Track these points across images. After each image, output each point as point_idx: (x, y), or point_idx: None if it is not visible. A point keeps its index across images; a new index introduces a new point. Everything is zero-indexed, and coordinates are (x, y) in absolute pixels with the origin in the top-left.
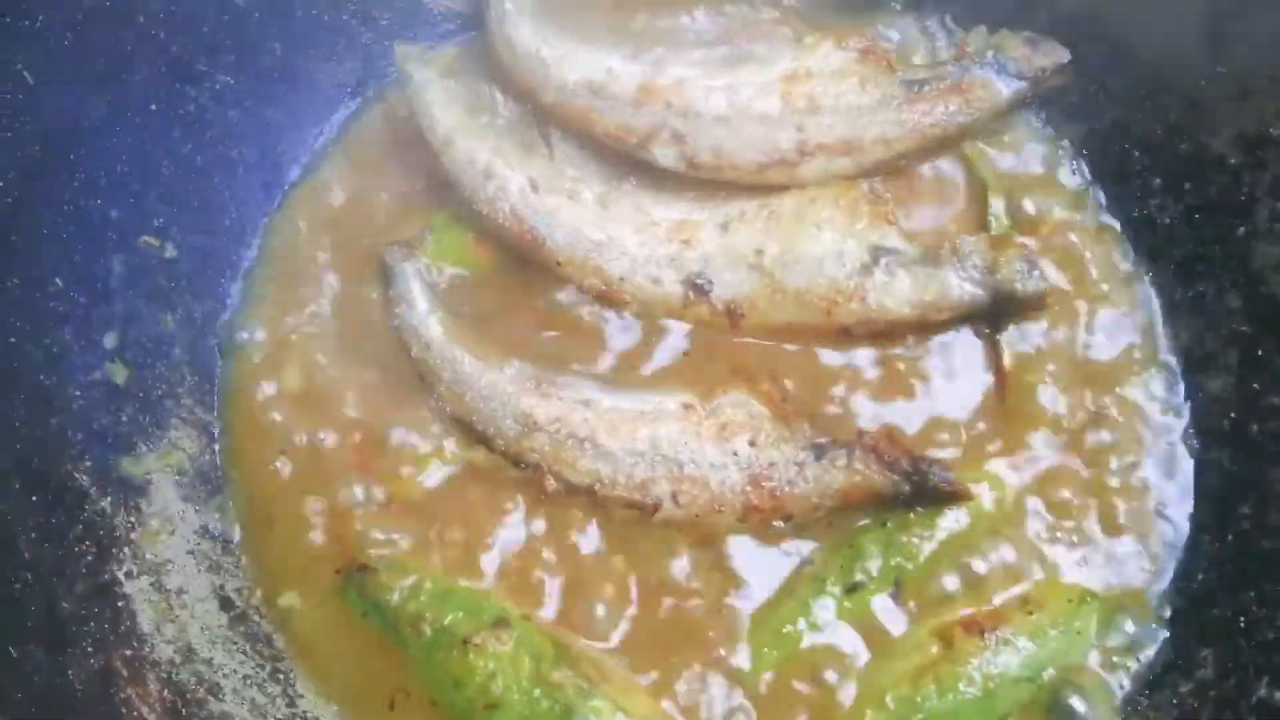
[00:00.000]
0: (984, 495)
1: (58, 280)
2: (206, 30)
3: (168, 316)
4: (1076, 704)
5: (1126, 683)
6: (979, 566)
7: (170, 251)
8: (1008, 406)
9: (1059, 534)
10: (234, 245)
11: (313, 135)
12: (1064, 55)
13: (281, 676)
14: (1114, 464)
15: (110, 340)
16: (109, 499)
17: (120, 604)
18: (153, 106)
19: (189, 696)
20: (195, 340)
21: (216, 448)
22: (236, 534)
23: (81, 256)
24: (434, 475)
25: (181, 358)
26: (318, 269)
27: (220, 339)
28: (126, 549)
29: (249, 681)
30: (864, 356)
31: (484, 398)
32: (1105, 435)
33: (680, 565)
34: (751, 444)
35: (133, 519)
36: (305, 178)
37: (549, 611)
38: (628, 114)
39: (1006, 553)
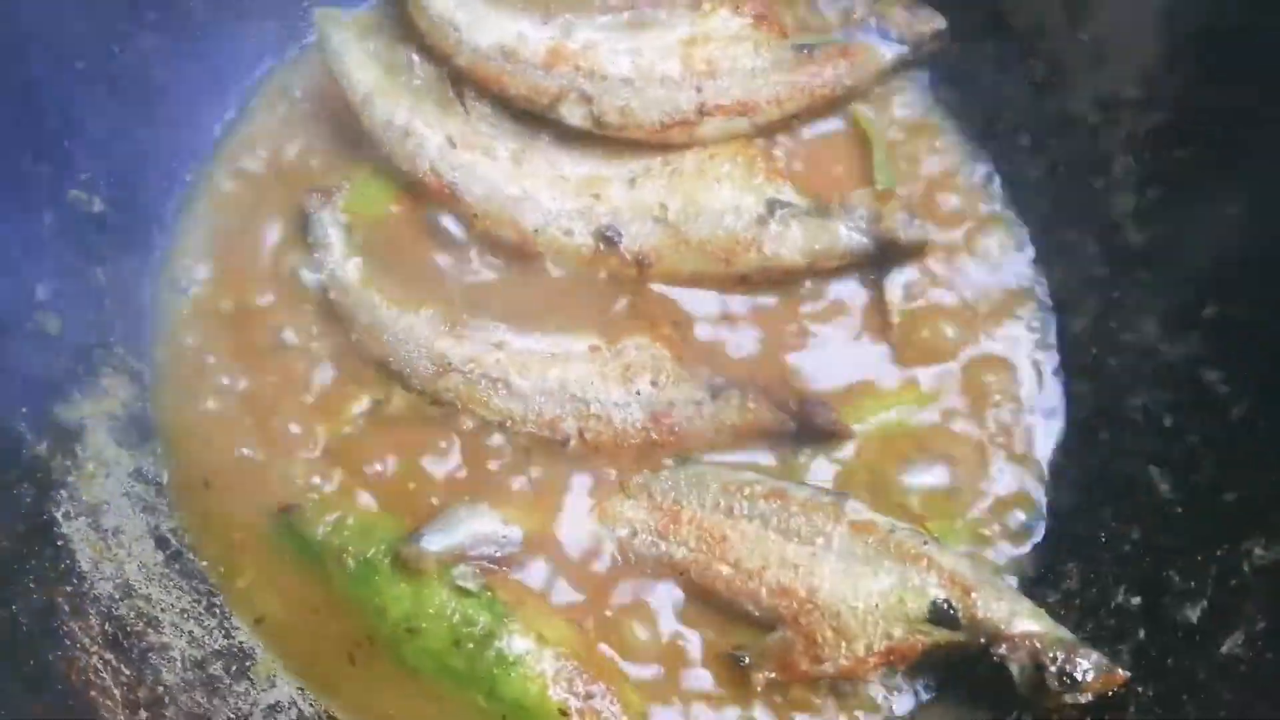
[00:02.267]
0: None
1: None
2: None
3: (97, 270)
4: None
5: None
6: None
7: (98, 205)
8: (895, 346)
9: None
10: (161, 199)
11: (235, 92)
12: (940, 22)
13: (217, 610)
14: (989, 395)
15: (42, 292)
16: (45, 444)
17: (60, 543)
18: (79, 65)
19: (129, 629)
20: (125, 291)
21: (147, 394)
22: (167, 477)
23: (14, 210)
24: (357, 415)
25: (112, 308)
26: (243, 220)
27: (150, 290)
28: (63, 491)
29: (186, 615)
30: (760, 302)
31: (400, 340)
32: (981, 369)
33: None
34: (653, 384)
35: (69, 462)
36: (228, 134)
37: None
38: (538, 76)
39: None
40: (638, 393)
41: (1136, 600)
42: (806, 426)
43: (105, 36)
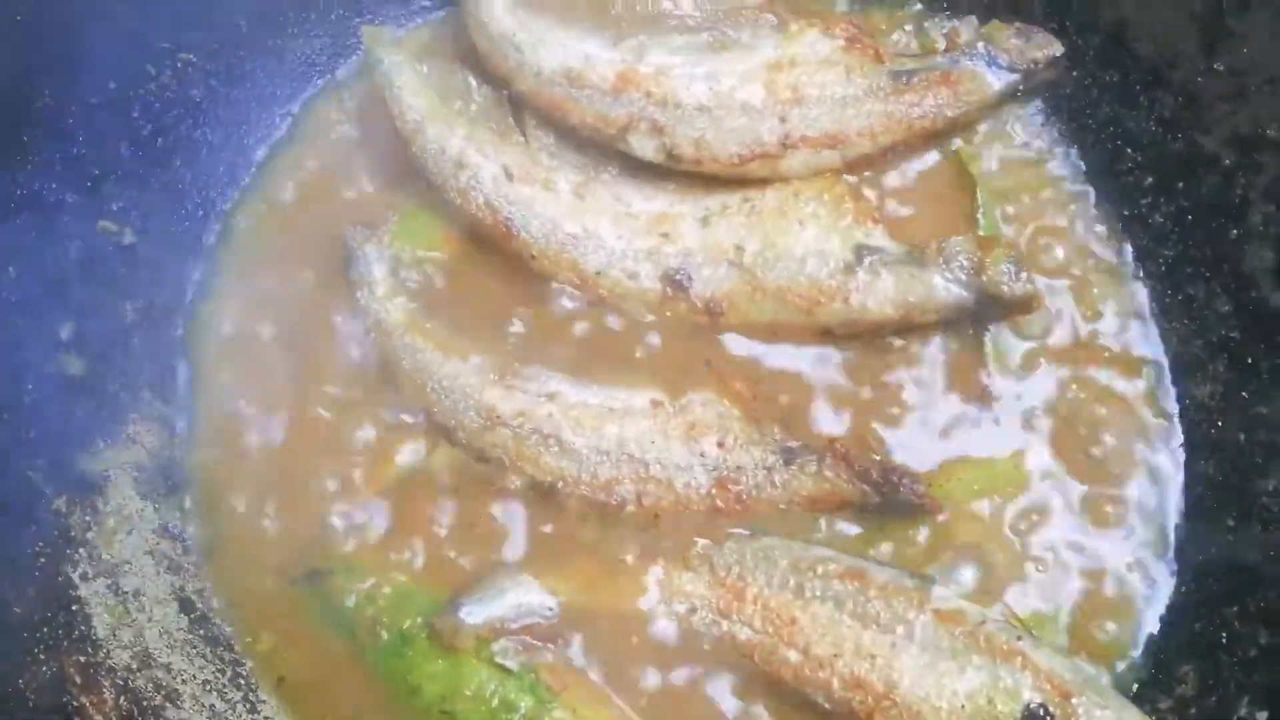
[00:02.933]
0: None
1: (11, 269)
2: (169, 5)
3: (126, 306)
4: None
5: None
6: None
7: (129, 237)
8: (993, 409)
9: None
10: (196, 230)
11: (279, 115)
12: (1057, 47)
13: (242, 681)
14: (1102, 469)
15: (66, 331)
16: (64, 497)
17: (75, 607)
18: (111, 85)
19: (145, 704)
20: (155, 330)
21: (176, 443)
22: (195, 534)
23: (35, 242)
24: (399, 471)
25: (141, 349)
26: (283, 254)
27: (182, 329)
28: (82, 549)
29: (208, 687)
30: (844, 357)
31: (445, 389)
32: (1094, 445)
33: None
34: (720, 445)
35: (89, 518)
36: (271, 160)
37: None
38: (606, 103)
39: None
40: (702, 455)
41: (1263, 715)
42: (890, 500)
43: (141, 56)
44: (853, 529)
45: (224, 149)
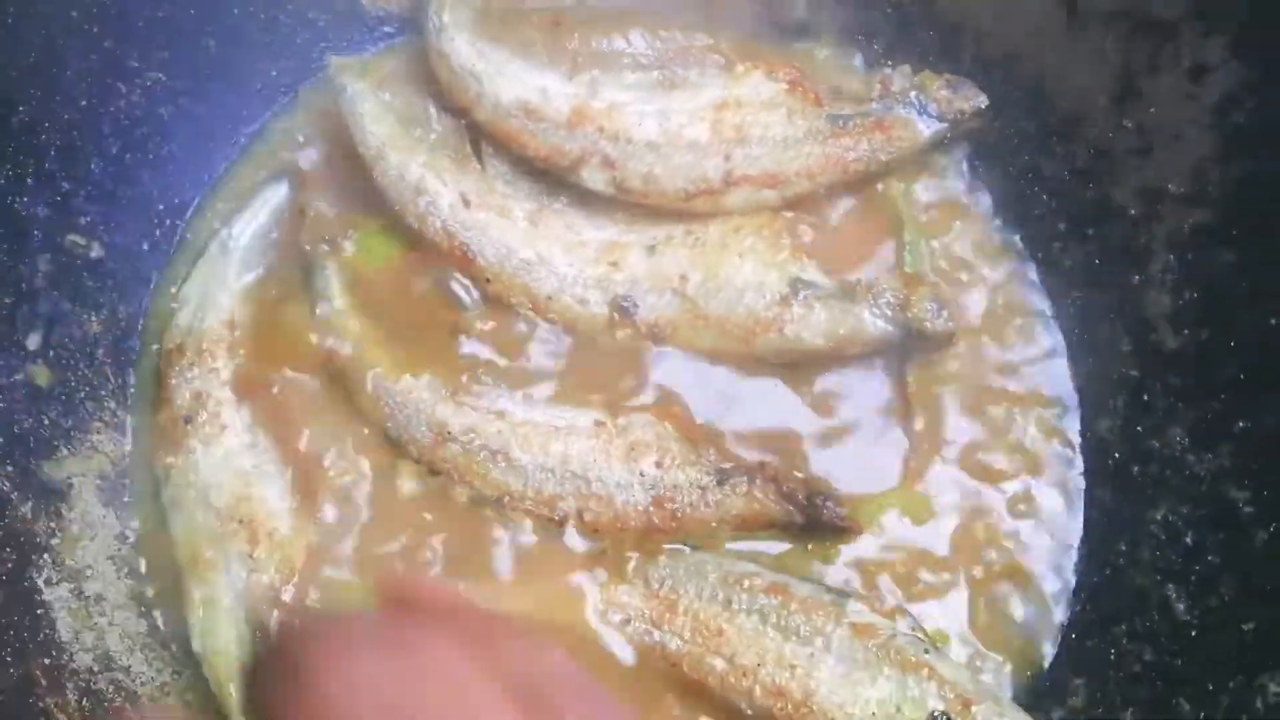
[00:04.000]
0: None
1: None
2: (141, 25)
3: (92, 317)
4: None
5: None
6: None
7: (96, 251)
8: (913, 438)
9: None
10: (161, 245)
11: (244, 133)
12: (982, 100)
13: (202, 685)
14: (1008, 495)
15: (33, 341)
16: (30, 504)
17: (39, 611)
18: (83, 102)
19: (107, 704)
20: (119, 341)
21: (136, 451)
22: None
23: (6, 255)
24: (358, 484)
25: (105, 359)
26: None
27: (144, 340)
28: (46, 555)
29: (166, 690)
30: (777, 384)
31: (399, 404)
32: (1003, 473)
33: None
34: (658, 465)
35: (53, 524)
36: (234, 176)
37: None
38: (560, 136)
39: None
40: (641, 474)
41: None
42: (813, 520)
43: (111, 73)
44: (780, 546)
45: (189, 165)
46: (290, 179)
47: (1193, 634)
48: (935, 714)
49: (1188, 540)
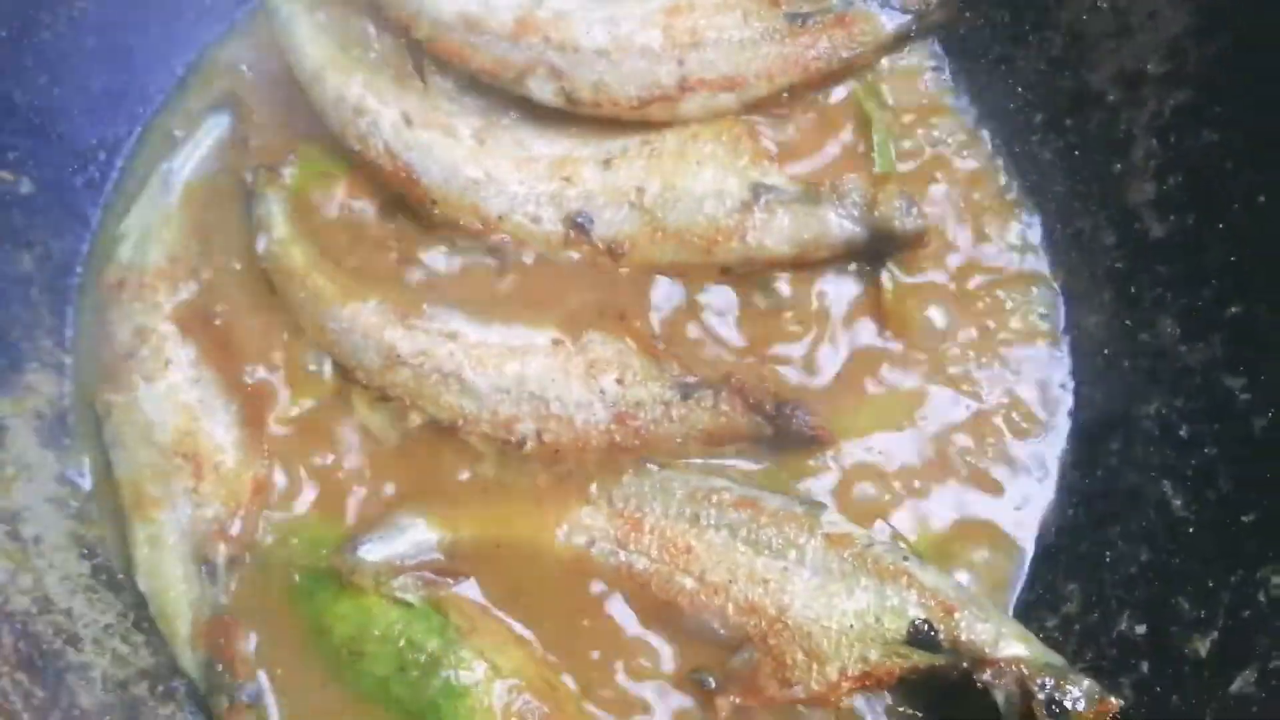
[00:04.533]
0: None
1: None
2: None
3: (24, 255)
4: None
5: None
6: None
7: (27, 187)
8: (889, 341)
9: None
10: (98, 180)
11: (177, 64)
12: None
13: (145, 625)
14: (992, 397)
15: None
16: None
17: None
18: (3, 34)
19: (45, 648)
20: (54, 279)
21: (74, 390)
22: (93, 481)
23: None
24: (301, 412)
25: (39, 298)
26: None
27: (80, 277)
28: None
29: (110, 631)
30: (742, 294)
31: (346, 329)
32: (984, 368)
33: None
34: (619, 382)
35: None
36: (169, 107)
37: None
38: (504, 48)
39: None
40: (602, 391)
41: (1142, 629)
42: (784, 431)
43: (33, 4)
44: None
45: (123, 98)
46: (231, 108)
47: (1190, 530)
48: (916, 622)
49: (1182, 434)
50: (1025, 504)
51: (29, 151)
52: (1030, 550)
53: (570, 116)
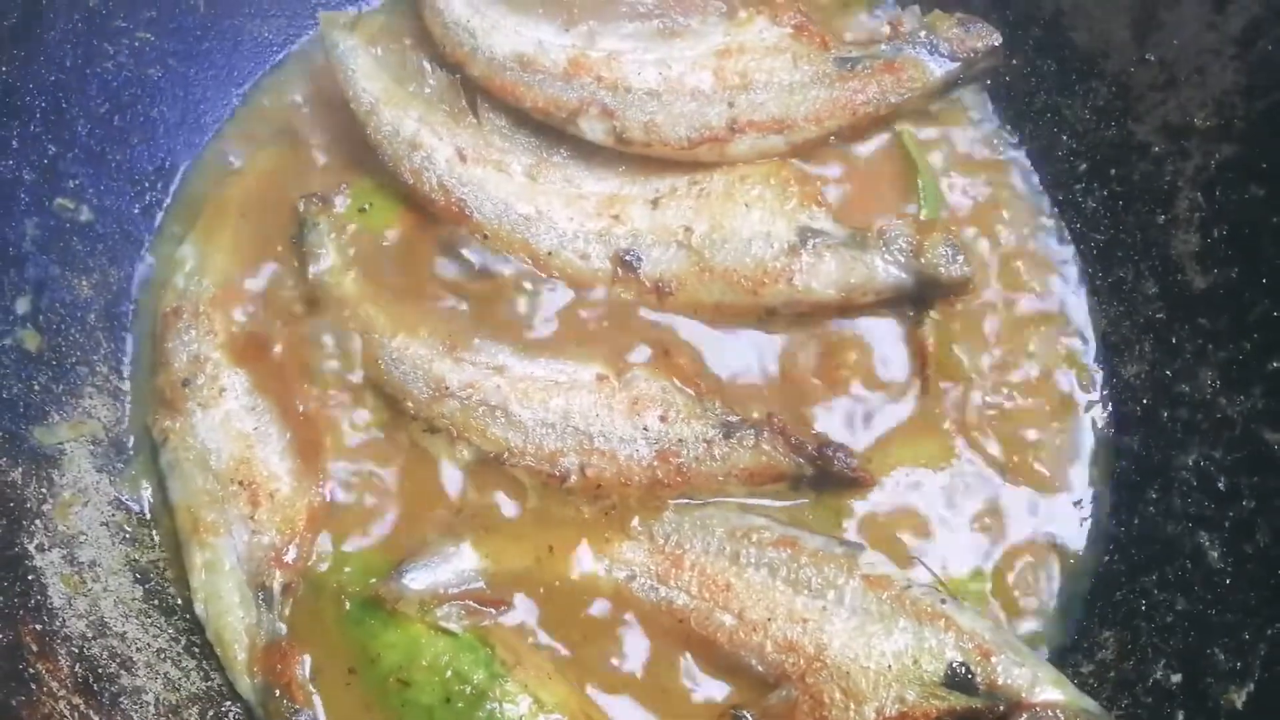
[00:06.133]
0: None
1: None
2: None
3: (82, 281)
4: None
5: None
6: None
7: (86, 214)
8: (930, 388)
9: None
10: (153, 208)
11: (235, 94)
12: (996, 37)
13: (196, 650)
14: (1030, 444)
15: (22, 306)
16: (20, 469)
17: (30, 577)
18: (68, 63)
19: (101, 671)
20: (110, 305)
21: (128, 415)
22: (148, 506)
23: None
24: (355, 440)
25: (96, 323)
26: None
27: (135, 304)
28: (38, 521)
29: (163, 655)
30: (787, 336)
31: (394, 360)
32: (1024, 414)
33: None
34: (662, 419)
35: (44, 490)
36: (225, 137)
37: None
38: (557, 88)
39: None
40: (645, 428)
41: (1177, 678)
42: (825, 472)
43: (97, 34)
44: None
45: (180, 127)
46: (286, 139)
47: (1227, 582)
48: (954, 665)
49: (1220, 485)
50: (1062, 550)
51: (89, 180)
52: (1071, 597)
53: (620, 155)
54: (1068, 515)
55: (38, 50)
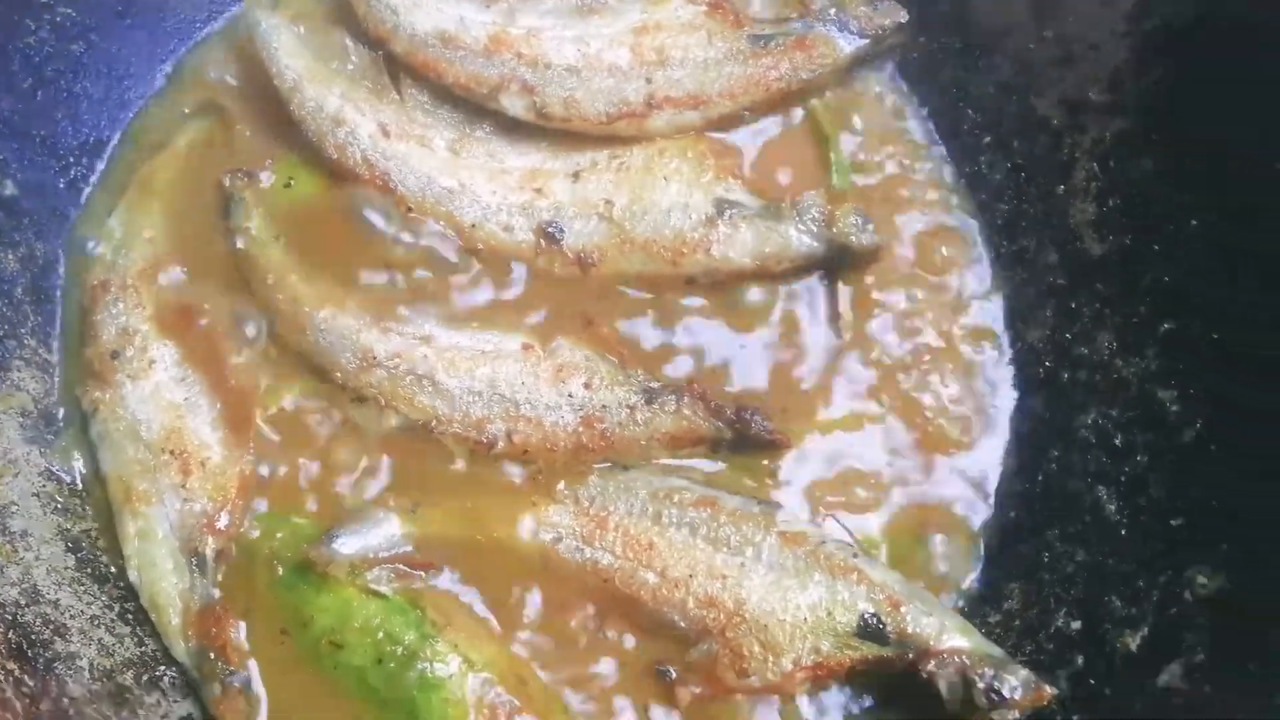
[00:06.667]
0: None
1: None
2: None
3: (9, 255)
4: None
5: None
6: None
7: (10, 189)
8: (844, 351)
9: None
10: (78, 182)
11: (159, 69)
12: (901, 14)
13: (130, 616)
14: (939, 406)
15: None
16: None
17: None
18: None
19: (35, 638)
20: (38, 279)
21: (57, 387)
22: (79, 476)
23: None
24: (281, 411)
25: (23, 297)
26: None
27: (63, 278)
28: None
29: (96, 622)
30: (705, 303)
31: (322, 331)
32: (934, 378)
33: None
34: (586, 386)
35: None
36: (150, 112)
37: None
38: (478, 64)
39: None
40: (570, 395)
41: (1077, 625)
42: (743, 435)
43: (19, 9)
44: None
45: (105, 102)
46: (209, 114)
47: (1123, 533)
48: (865, 615)
49: (1117, 442)
50: (970, 507)
51: (13, 154)
52: (977, 551)
53: (541, 130)
54: (975, 473)
55: None
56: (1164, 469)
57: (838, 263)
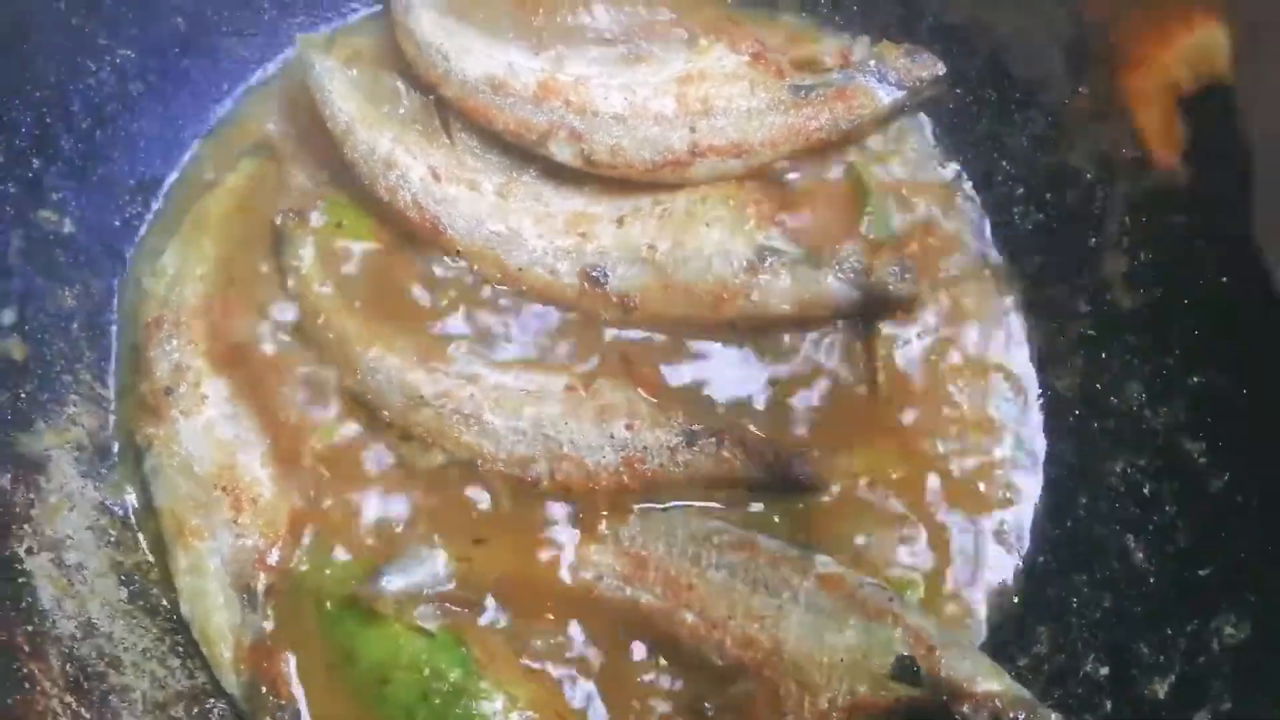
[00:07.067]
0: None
1: None
2: (109, 2)
3: (65, 292)
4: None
5: None
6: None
7: (68, 226)
8: (879, 395)
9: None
10: (133, 220)
11: (214, 111)
12: (940, 67)
13: (181, 649)
14: (969, 450)
15: (8, 317)
16: (8, 475)
17: (21, 580)
18: (52, 79)
19: (90, 670)
20: (93, 315)
21: (112, 423)
22: (131, 510)
23: None
24: (335, 445)
25: (80, 333)
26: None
27: (117, 314)
28: (26, 525)
29: (149, 654)
30: (745, 348)
31: (371, 370)
32: (963, 425)
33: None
34: (628, 428)
35: (32, 495)
36: (204, 152)
37: None
38: (527, 110)
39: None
40: (612, 436)
41: (1105, 670)
42: (782, 478)
43: (80, 51)
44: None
45: (160, 141)
46: (262, 154)
47: (1151, 581)
48: (901, 658)
49: (1145, 491)
50: (999, 551)
51: (71, 192)
52: (1008, 594)
53: (587, 175)
54: (1006, 518)
55: (23, 67)
56: (1192, 518)
57: (875, 310)
